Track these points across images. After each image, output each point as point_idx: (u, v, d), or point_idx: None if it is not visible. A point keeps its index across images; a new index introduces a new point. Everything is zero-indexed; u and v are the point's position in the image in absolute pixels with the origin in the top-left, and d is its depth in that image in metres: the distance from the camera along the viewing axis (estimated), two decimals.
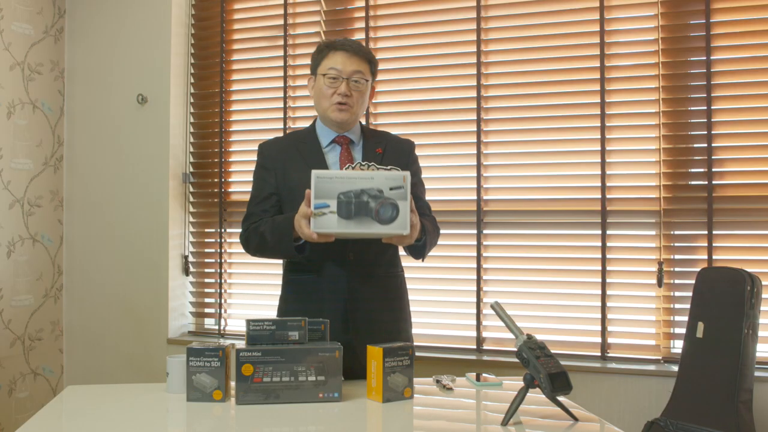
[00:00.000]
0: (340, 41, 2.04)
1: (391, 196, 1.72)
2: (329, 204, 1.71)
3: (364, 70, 2.01)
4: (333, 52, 2.01)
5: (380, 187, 1.72)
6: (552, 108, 2.93)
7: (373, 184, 1.71)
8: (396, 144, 2.13)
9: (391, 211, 1.72)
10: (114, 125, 3.50)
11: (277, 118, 3.34)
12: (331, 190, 1.71)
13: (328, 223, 1.72)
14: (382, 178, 1.72)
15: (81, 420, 1.60)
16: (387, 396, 1.67)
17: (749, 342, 2.33)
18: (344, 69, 1.99)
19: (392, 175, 1.74)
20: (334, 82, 1.99)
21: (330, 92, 2.00)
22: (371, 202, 1.71)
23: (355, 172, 1.75)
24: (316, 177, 1.72)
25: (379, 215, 1.71)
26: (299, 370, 1.66)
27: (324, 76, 2.00)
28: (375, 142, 2.09)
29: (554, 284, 2.91)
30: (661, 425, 2.39)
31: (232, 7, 3.46)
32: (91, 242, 3.54)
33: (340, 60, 1.99)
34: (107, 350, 3.49)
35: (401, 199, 1.72)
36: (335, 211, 1.71)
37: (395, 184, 1.72)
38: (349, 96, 1.99)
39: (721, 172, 2.72)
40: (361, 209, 1.71)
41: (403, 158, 2.08)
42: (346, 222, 1.71)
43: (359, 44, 2.05)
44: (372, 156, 2.04)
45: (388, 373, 1.67)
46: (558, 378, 1.49)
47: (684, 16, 2.78)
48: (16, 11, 3.32)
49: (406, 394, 1.70)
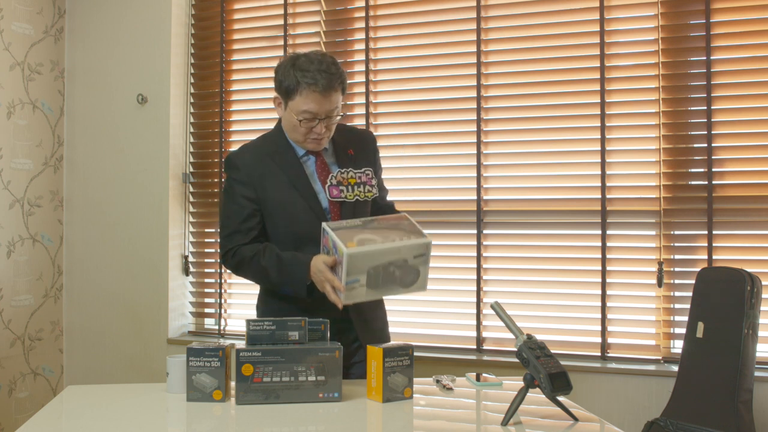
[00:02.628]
0: (310, 73, 1.86)
1: (414, 264, 1.77)
2: (359, 279, 1.74)
3: (337, 101, 1.92)
4: (306, 90, 1.87)
5: (405, 257, 1.76)
6: (552, 108, 2.93)
7: (399, 256, 1.75)
8: (361, 141, 2.12)
9: (413, 275, 1.79)
10: (114, 125, 3.50)
11: (276, 118, 3.33)
12: (362, 267, 1.73)
13: (357, 295, 1.77)
14: (408, 249, 1.75)
15: (81, 420, 1.60)
16: (387, 396, 1.67)
17: (749, 342, 2.33)
18: (320, 111, 1.89)
19: (417, 243, 1.76)
20: (310, 122, 1.91)
21: (305, 131, 1.93)
22: (397, 272, 1.77)
23: (385, 246, 1.74)
24: (350, 256, 1.70)
25: (402, 281, 1.78)
26: (299, 370, 1.66)
27: (299, 119, 1.90)
28: (343, 144, 2.07)
29: (554, 284, 2.91)
30: (661, 425, 2.39)
31: (232, 7, 3.46)
32: (91, 242, 3.54)
33: (313, 102, 1.87)
34: (107, 350, 3.49)
35: (422, 265, 1.78)
36: (365, 284, 1.75)
37: (419, 252, 1.77)
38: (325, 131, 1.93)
39: (721, 172, 2.72)
40: (388, 279, 1.77)
41: (370, 155, 2.10)
42: (374, 291, 1.78)
43: (329, 71, 1.87)
44: (345, 160, 2.04)
45: (388, 373, 1.67)
46: (558, 378, 1.49)
47: (684, 16, 2.78)
48: (16, 11, 3.32)
49: (406, 394, 1.70)
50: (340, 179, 1.98)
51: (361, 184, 2.00)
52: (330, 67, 1.89)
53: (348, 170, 2.00)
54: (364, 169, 2.01)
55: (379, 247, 1.74)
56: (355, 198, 1.99)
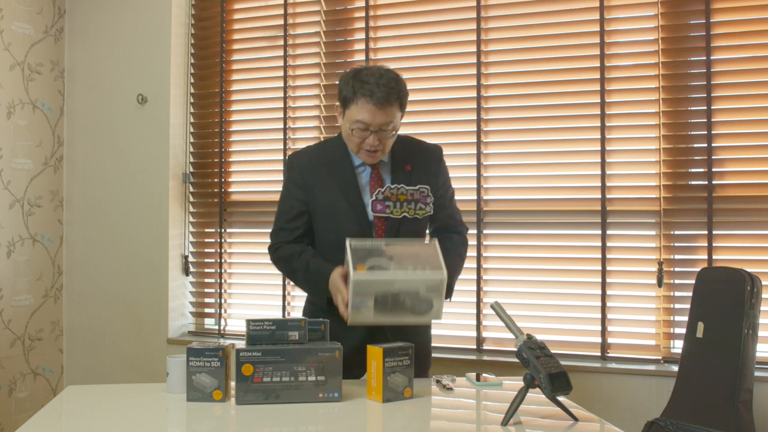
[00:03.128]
0: (368, 84, 1.87)
1: (427, 297, 1.73)
2: (366, 302, 1.72)
3: (392, 117, 1.90)
4: (362, 99, 1.87)
5: (417, 288, 1.72)
6: (552, 108, 2.93)
7: (410, 287, 1.72)
8: (423, 157, 2.09)
9: (425, 306, 1.75)
10: (114, 125, 3.50)
11: (277, 118, 3.34)
12: (369, 291, 1.71)
13: (365, 317, 1.75)
14: (420, 282, 1.72)
15: (81, 420, 1.60)
16: (387, 396, 1.67)
17: (749, 342, 2.32)
18: (372, 122, 1.88)
19: (431, 277, 1.72)
20: (363, 133, 1.91)
21: (358, 141, 1.93)
22: (407, 301, 1.73)
23: (394, 273, 1.71)
24: (356, 282, 1.70)
25: (414, 310, 1.75)
26: (299, 370, 1.66)
27: (352, 129, 1.91)
28: (403, 159, 2.04)
29: (554, 284, 2.91)
30: (661, 425, 2.39)
31: (232, 7, 3.46)
32: (91, 242, 3.54)
33: (367, 111, 1.87)
34: (107, 350, 3.50)
35: (437, 297, 1.74)
36: (372, 308, 1.73)
37: (432, 285, 1.73)
38: (378, 144, 1.92)
39: (721, 172, 2.72)
40: (398, 306, 1.74)
41: (432, 171, 2.06)
42: (382, 315, 1.75)
43: (387, 84, 1.88)
44: (400, 175, 2.01)
45: (388, 373, 1.67)
46: (558, 378, 1.49)
47: (684, 16, 2.78)
48: (16, 11, 3.32)
49: (406, 394, 1.70)
50: (388, 194, 1.95)
51: (413, 201, 1.97)
52: (390, 81, 1.89)
53: (399, 186, 1.96)
54: (418, 187, 1.97)
55: (388, 277, 1.71)
56: (403, 215, 1.96)
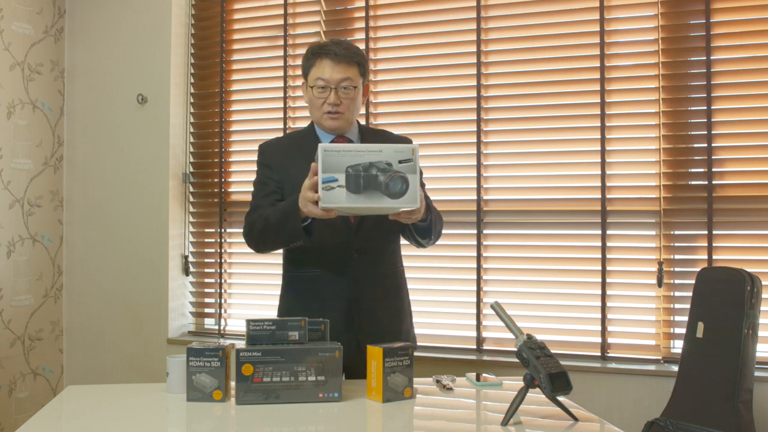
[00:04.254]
0: (326, 47, 1.99)
1: (401, 170, 1.69)
2: (337, 178, 1.67)
3: (352, 75, 1.98)
4: (319, 59, 1.98)
5: (389, 160, 1.69)
6: (552, 108, 2.93)
7: (381, 157, 1.68)
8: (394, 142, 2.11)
9: (401, 184, 1.69)
10: (114, 125, 3.50)
11: (277, 118, 3.34)
12: (339, 164, 1.67)
13: (336, 198, 1.68)
14: (391, 151, 1.70)
15: (81, 420, 1.60)
16: (387, 396, 1.67)
17: (749, 342, 2.33)
18: (331, 78, 1.96)
19: (401, 147, 1.72)
20: (323, 92, 1.98)
21: (320, 102, 1.99)
22: (380, 176, 1.68)
23: (363, 145, 1.72)
24: (324, 150, 1.68)
25: (388, 189, 1.68)
26: (299, 370, 1.66)
27: (312, 88, 1.99)
28: (373, 141, 2.07)
29: (554, 284, 2.91)
30: (661, 425, 2.39)
31: (232, 7, 3.46)
32: (91, 242, 3.54)
33: (327, 69, 1.96)
34: (107, 350, 3.50)
35: (410, 173, 1.70)
36: (344, 185, 1.67)
37: (404, 157, 1.70)
38: (339, 104, 1.98)
39: (721, 172, 2.72)
40: (370, 183, 1.67)
41: None
42: (355, 196, 1.68)
43: (346, 47, 1.99)
44: None
45: (388, 373, 1.67)
46: (558, 378, 1.49)
47: (684, 16, 2.78)
48: (16, 11, 3.32)
49: (406, 394, 1.70)
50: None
51: None
52: (349, 45, 2.01)
53: None
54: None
55: (356, 145, 1.72)
56: None
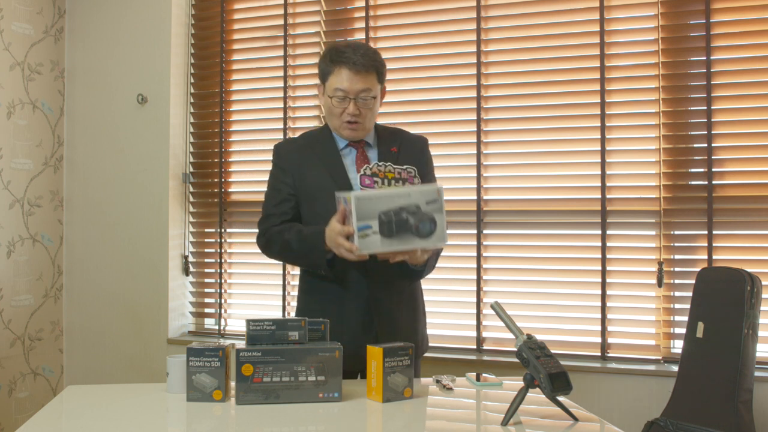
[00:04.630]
0: (345, 53, 1.95)
1: (429, 211, 1.76)
2: (371, 225, 1.73)
3: (371, 84, 1.96)
4: (338, 68, 1.95)
5: (417, 202, 1.75)
6: (552, 108, 2.93)
7: (410, 201, 1.75)
8: (410, 143, 2.12)
9: (429, 225, 1.76)
10: (114, 125, 3.50)
11: (277, 118, 3.34)
12: (371, 211, 1.73)
13: (372, 244, 1.75)
14: (418, 194, 1.76)
15: (81, 420, 1.60)
16: (387, 396, 1.67)
17: (749, 342, 2.33)
18: (350, 89, 1.94)
19: (427, 189, 1.77)
20: (342, 102, 1.96)
21: (338, 111, 1.97)
22: (410, 219, 1.75)
23: (393, 190, 1.79)
24: (357, 198, 1.72)
25: (419, 230, 1.75)
26: (299, 370, 1.66)
27: (331, 98, 1.97)
28: (389, 142, 2.07)
29: (554, 284, 2.91)
30: (661, 425, 2.39)
31: (232, 7, 3.46)
32: (91, 242, 3.54)
33: (345, 79, 1.94)
34: (107, 350, 3.49)
35: (437, 213, 1.77)
36: (377, 231, 1.74)
37: (431, 198, 1.76)
38: (358, 114, 1.96)
39: (721, 172, 2.72)
40: (402, 226, 1.74)
41: (416, 156, 2.06)
42: (389, 241, 1.75)
43: (364, 53, 1.96)
44: (387, 155, 2.03)
45: (388, 373, 1.67)
46: (558, 378, 1.49)
47: (684, 16, 2.78)
48: (16, 11, 3.32)
49: (406, 394, 1.70)
50: (376, 171, 1.94)
51: (401, 179, 1.96)
52: (367, 51, 1.98)
53: (387, 164, 1.95)
54: (406, 166, 1.96)
55: (387, 191, 1.77)
56: None
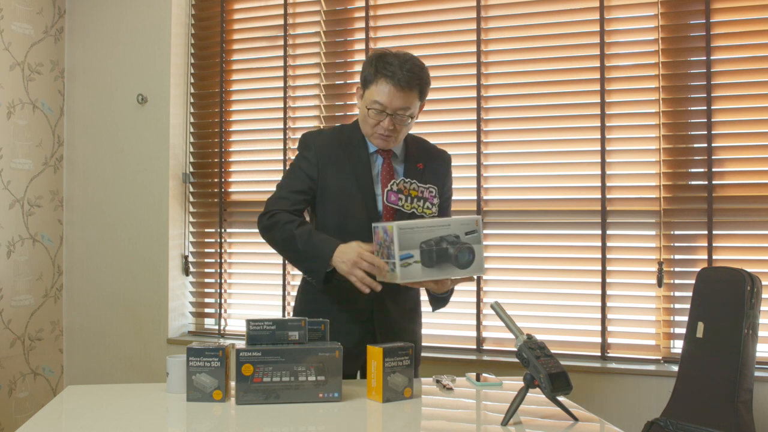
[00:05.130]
0: (391, 65, 1.88)
1: (468, 241, 1.78)
2: (413, 254, 1.74)
3: (411, 102, 1.90)
4: (381, 80, 1.88)
5: (457, 232, 1.77)
6: (552, 108, 2.93)
7: (450, 231, 1.77)
8: (435, 159, 2.10)
9: (468, 255, 1.78)
10: (114, 125, 3.50)
11: (277, 118, 3.34)
12: (413, 241, 1.74)
13: (414, 273, 1.75)
14: (458, 224, 1.78)
15: (81, 420, 1.60)
16: (387, 396, 1.67)
17: (749, 342, 2.33)
18: (390, 105, 1.88)
19: (467, 220, 1.79)
20: (379, 115, 1.91)
21: (373, 122, 1.93)
22: (450, 249, 1.76)
23: (433, 220, 1.81)
24: (399, 228, 1.73)
25: (458, 260, 1.77)
26: (299, 370, 1.66)
27: (368, 108, 1.92)
28: (416, 156, 2.05)
29: (554, 284, 2.91)
30: (661, 425, 2.39)
31: (232, 7, 3.46)
32: (91, 242, 3.54)
33: (386, 93, 1.88)
34: (107, 350, 3.49)
35: (476, 243, 1.79)
36: (419, 260, 1.74)
37: (470, 229, 1.78)
38: (392, 129, 1.92)
39: (721, 172, 2.72)
40: (442, 256, 1.76)
41: (441, 175, 2.07)
42: (430, 270, 1.76)
43: (410, 69, 1.89)
44: (413, 171, 2.01)
45: (388, 373, 1.67)
46: (558, 378, 1.49)
47: (684, 16, 2.78)
48: (16, 11, 3.32)
49: (406, 394, 1.70)
50: (402, 187, 1.95)
51: (422, 199, 1.97)
52: (413, 67, 1.91)
53: (412, 181, 1.96)
54: (428, 186, 1.98)
55: (427, 222, 1.79)
56: (412, 210, 1.96)
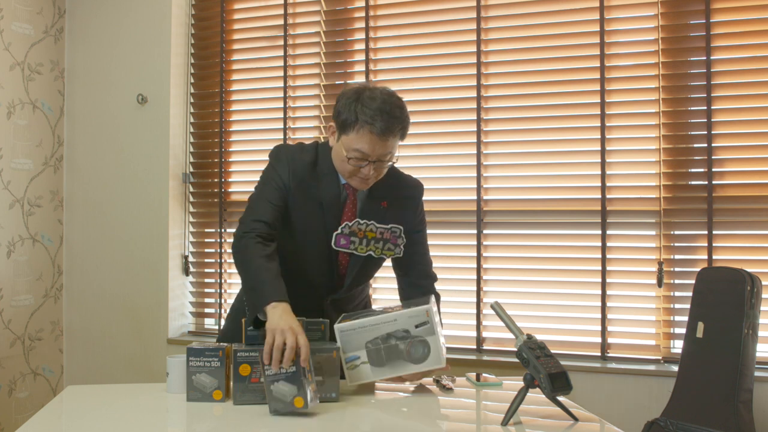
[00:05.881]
0: (373, 115, 1.72)
1: (419, 334, 1.69)
2: (359, 355, 1.70)
3: (393, 146, 1.77)
4: (364, 128, 1.72)
5: (405, 327, 1.69)
6: (552, 108, 2.93)
7: (397, 326, 1.69)
8: (403, 194, 1.95)
9: (422, 349, 1.70)
10: (114, 125, 3.50)
11: (277, 118, 3.34)
12: (357, 342, 1.69)
13: (363, 374, 1.71)
14: (405, 318, 1.69)
15: (81, 420, 1.60)
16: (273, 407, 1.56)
17: (749, 342, 2.33)
18: (372, 153, 1.75)
19: (414, 312, 1.70)
20: (359, 162, 1.77)
21: (352, 169, 1.78)
22: (400, 344, 1.69)
23: (377, 317, 1.70)
24: (341, 331, 1.69)
25: (410, 355, 1.70)
26: None
27: (348, 156, 1.76)
28: (380, 193, 1.90)
29: (554, 284, 2.91)
30: (661, 425, 2.39)
31: (232, 7, 3.46)
32: (91, 242, 3.54)
33: (367, 142, 1.73)
34: (107, 350, 3.49)
35: (429, 335, 1.69)
36: (367, 361, 1.70)
37: (419, 321, 1.69)
38: (374, 175, 1.80)
39: (721, 172, 2.72)
40: (392, 353, 1.69)
41: (408, 212, 1.94)
42: (380, 369, 1.70)
43: (392, 115, 1.73)
44: (374, 211, 1.88)
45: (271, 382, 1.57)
46: (558, 378, 1.49)
47: (684, 16, 2.78)
48: (16, 11, 3.32)
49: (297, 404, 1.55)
50: (355, 230, 1.85)
51: (382, 240, 1.87)
52: (394, 110, 1.75)
53: (369, 222, 1.85)
54: (390, 226, 1.87)
55: (370, 320, 1.70)
56: (368, 253, 1.86)
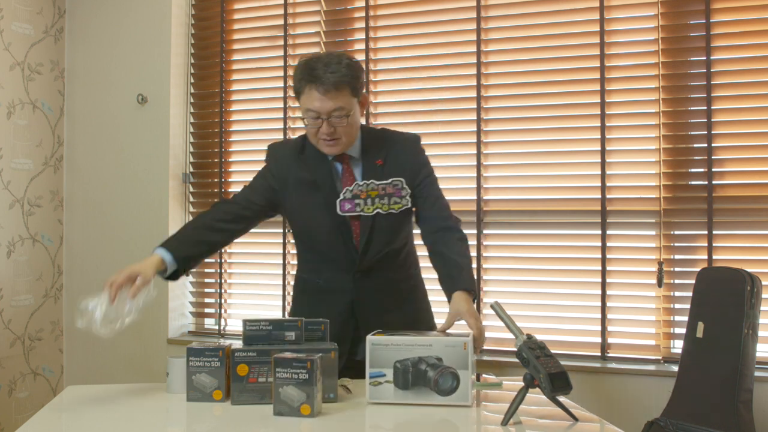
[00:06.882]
0: (315, 71, 1.81)
1: (452, 365, 1.62)
2: (385, 373, 1.63)
3: (343, 101, 1.83)
4: (308, 87, 1.83)
5: (439, 354, 1.62)
6: (552, 108, 2.93)
7: (431, 352, 1.62)
8: (396, 149, 2.00)
9: (451, 381, 1.61)
10: (114, 125, 3.50)
11: (277, 118, 3.34)
12: (387, 359, 1.62)
13: (383, 394, 1.64)
14: (442, 345, 1.62)
15: (81, 420, 1.60)
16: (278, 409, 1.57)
17: (749, 342, 2.32)
18: (322, 109, 1.83)
19: (452, 342, 1.63)
20: (315, 122, 1.85)
21: (313, 131, 1.88)
22: (430, 372, 1.61)
23: (413, 338, 1.64)
24: (372, 344, 1.64)
25: (438, 385, 1.61)
26: None
27: (304, 120, 1.88)
28: (374, 153, 1.96)
29: (554, 284, 2.91)
30: (661, 425, 2.39)
31: (232, 7, 3.46)
32: (91, 242, 3.54)
33: (316, 99, 1.82)
34: (107, 350, 3.49)
35: (462, 368, 1.62)
36: (391, 380, 1.63)
37: (456, 351, 1.62)
38: (333, 132, 1.86)
39: (721, 172, 2.72)
40: (419, 379, 1.61)
41: (406, 164, 1.98)
42: (403, 393, 1.63)
43: (335, 69, 1.81)
44: (371, 171, 1.94)
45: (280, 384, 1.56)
46: (558, 378, 1.49)
47: (684, 16, 2.78)
48: (16, 11, 3.32)
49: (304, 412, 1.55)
50: (357, 192, 1.90)
51: (386, 195, 1.90)
52: (338, 66, 1.82)
53: (369, 182, 1.90)
54: (390, 180, 1.91)
55: (405, 339, 1.64)
56: (375, 211, 1.90)
